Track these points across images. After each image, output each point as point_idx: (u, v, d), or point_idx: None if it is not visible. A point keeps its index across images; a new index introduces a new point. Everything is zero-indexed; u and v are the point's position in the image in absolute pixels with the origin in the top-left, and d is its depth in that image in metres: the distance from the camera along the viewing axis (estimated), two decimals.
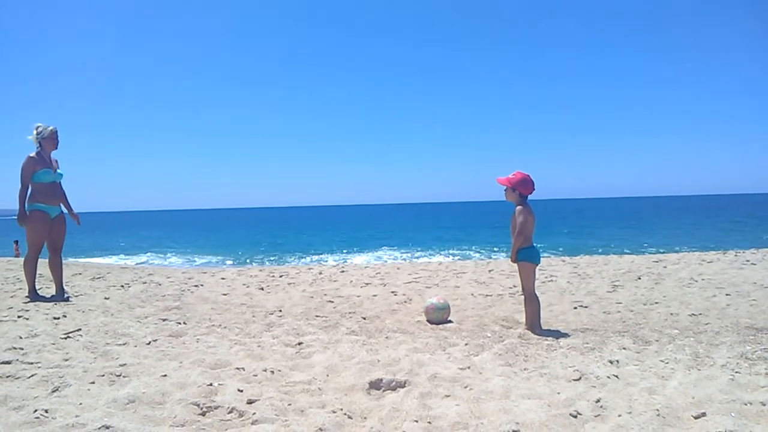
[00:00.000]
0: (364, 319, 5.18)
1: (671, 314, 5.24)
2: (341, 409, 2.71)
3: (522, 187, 4.66)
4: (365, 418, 2.67)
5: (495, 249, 23.02)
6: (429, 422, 2.58)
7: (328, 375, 3.32)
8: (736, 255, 10.85)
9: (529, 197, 4.73)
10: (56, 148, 6.04)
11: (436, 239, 33.92)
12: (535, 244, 4.74)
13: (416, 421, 2.58)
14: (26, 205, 5.87)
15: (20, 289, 6.56)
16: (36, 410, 2.55)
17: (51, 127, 5.95)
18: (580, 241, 27.46)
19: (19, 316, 4.87)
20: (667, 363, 3.57)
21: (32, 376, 3.09)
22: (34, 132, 5.91)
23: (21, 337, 4.03)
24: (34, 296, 5.89)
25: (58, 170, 6.06)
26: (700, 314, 5.19)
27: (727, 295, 6.17)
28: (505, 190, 4.76)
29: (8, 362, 3.33)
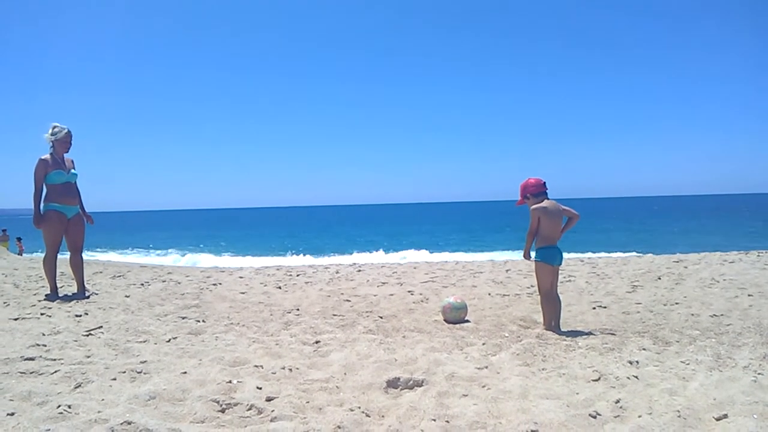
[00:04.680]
0: (381, 318, 5.18)
1: (692, 315, 5.16)
2: (359, 408, 2.72)
3: (530, 189, 4.76)
4: (383, 416, 2.68)
5: (512, 249, 22.89)
6: (447, 421, 2.57)
7: (345, 373, 3.33)
8: (758, 255, 10.66)
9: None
10: (68, 151, 6.05)
11: (453, 239, 33.84)
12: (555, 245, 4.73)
13: (434, 420, 2.58)
14: (42, 206, 5.92)
15: (42, 287, 6.67)
16: (59, 405, 2.59)
17: (65, 130, 5.96)
18: (599, 240, 27.22)
19: (41, 314, 4.96)
20: (687, 364, 3.52)
21: (55, 372, 3.14)
22: (50, 131, 5.94)
23: (44, 334, 4.11)
24: (55, 295, 5.97)
25: (73, 170, 6.10)
26: (722, 315, 5.11)
27: (749, 295, 6.06)
28: (527, 203, 4.79)
29: (32, 358, 3.40)
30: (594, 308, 5.63)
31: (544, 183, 4.76)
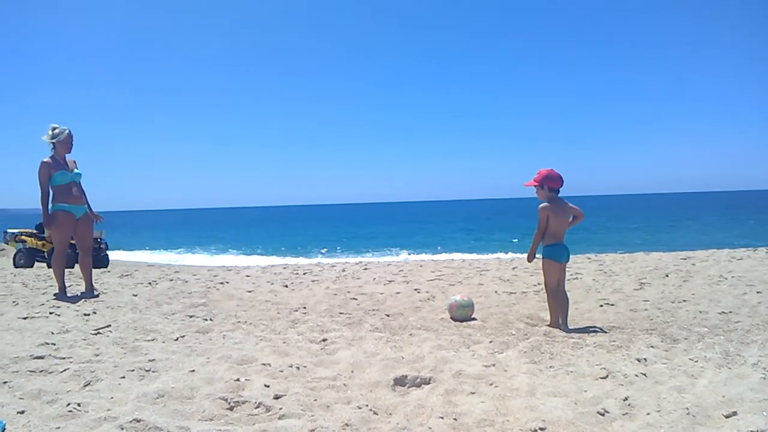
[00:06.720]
0: (388, 316, 5.18)
1: (700, 312, 5.14)
2: (366, 405, 2.72)
3: (549, 181, 4.66)
4: (390, 414, 2.68)
5: (518, 246, 22.82)
6: (454, 419, 2.57)
7: (352, 371, 3.33)
8: (767, 252, 10.60)
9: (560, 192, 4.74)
10: (70, 151, 6.06)
11: (459, 237, 33.81)
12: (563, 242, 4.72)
13: (441, 418, 2.58)
14: (50, 207, 5.93)
15: (51, 286, 6.71)
16: (69, 404, 2.60)
17: (66, 130, 5.95)
18: (605, 238, 27.11)
19: (50, 313, 4.99)
20: (696, 361, 3.51)
21: (65, 370, 3.16)
22: (49, 132, 5.93)
23: (53, 333, 4.13)
24: (63, 295, 6.00)
25: (76, 170, 6.11)
26: (730, 312, 5.08)
27: (758, 292, 6.03)
28: (535, 189, 4.74)
29: (41, 357, 3.41)
30: (601, 306, 5.62)
31: (563, 183, 4.72)
